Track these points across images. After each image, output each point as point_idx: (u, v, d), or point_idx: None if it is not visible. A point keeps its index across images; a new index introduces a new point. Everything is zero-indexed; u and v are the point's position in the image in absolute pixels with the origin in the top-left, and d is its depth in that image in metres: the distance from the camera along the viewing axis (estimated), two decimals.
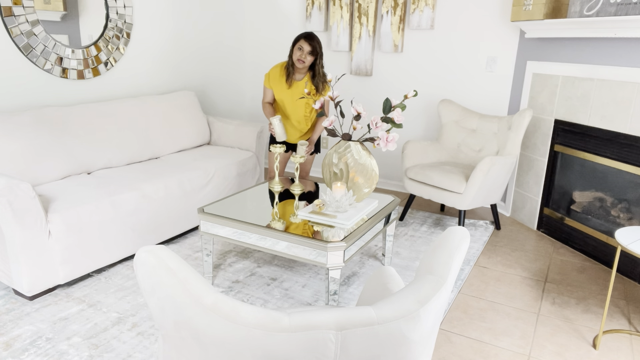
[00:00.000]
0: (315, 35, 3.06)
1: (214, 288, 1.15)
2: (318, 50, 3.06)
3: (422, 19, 4.02)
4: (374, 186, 2.60)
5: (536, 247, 3.35)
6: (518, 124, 3.36)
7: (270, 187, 2.94)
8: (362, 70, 4.41)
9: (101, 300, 2.50)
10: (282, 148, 2.88)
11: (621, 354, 2.21)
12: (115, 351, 2.10)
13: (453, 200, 3.29)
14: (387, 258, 2.96)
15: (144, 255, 1.10)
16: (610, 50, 2.96)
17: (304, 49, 3.03)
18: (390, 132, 2.60)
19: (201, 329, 1.06)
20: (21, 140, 2.75)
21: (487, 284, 2.81)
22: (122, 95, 3.71)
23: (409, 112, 4.35)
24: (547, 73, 3.45)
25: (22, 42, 2.95)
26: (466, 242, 1.31)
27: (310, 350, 1.03)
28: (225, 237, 2.50)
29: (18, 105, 3.04)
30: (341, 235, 2.26)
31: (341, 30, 4.40)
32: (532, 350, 2.22)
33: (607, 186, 3.12)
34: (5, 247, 2.38)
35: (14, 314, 2.35)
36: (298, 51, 3.05)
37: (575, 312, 2.55)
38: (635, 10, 2.68)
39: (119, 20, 3.55)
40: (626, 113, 2.88)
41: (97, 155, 3.14)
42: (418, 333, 1.11)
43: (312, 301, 2.57)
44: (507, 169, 3.34)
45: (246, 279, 2.77)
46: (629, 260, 2.93)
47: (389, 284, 1.62)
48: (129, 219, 2.81)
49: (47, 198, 2.59)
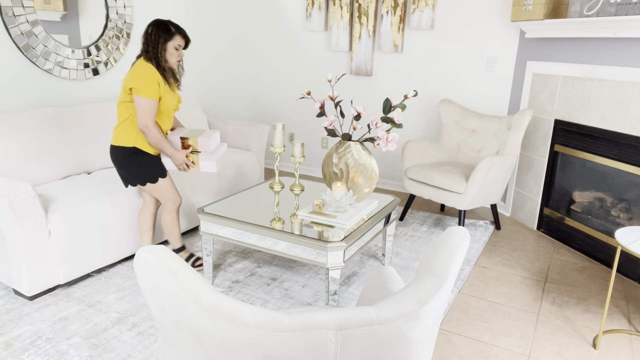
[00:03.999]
0: (179, 25, 2.55)
1: (214, 288, 1.15)
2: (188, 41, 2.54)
3: (422, 19, 4.02)
4: (374, 186, 2.60)
5: (536, 247, 3.35)
6: (518, 124, 3.36)
7: (270, 187, 2.94)
8: (362, 70, 4.41)
9: (101, 300, 2.50)
10: (282, 149, 2.85)
11: (621, 354, 2.21)
12: (115, 351, 2.10)
13: (453, 200, 3.29)
14: (387, 258, 2.96)
15: (144, 255, 1.10)
16: (610, 50, 2.96)
17: (181, 46, 2.49)
18: (390, 132, 2.60)
19: (201, 329, 1.06)
20: (21, 140, 2.75)
21: (487, 284, 2.81)
22: None
23: (409, 112, 4.35)
24: (547, 73, 3.45)
25: (22, 42, 2.95)
26: (466, 242, 1.31)
27: (310, 350, 1.03)
28: (225, 237, 2.50)
29: (18, 105, 3.03)
30: (341, 235, 2.26)
31: (341, 30, 4.40)
32: (532, 350, 2.22)
33: (607, 186, 3.12)
34: (5, 247, 2.38)
35: (14, 314, 2.35)
36: (176, 51, 2.47)
37: (575, 312, 2.55)
38: (635, 10, 2.68)
39: (119, 20, 3.55)
40: (626, 113, 2.87)
41: (97, 155, 3.15)
42: (418, 333, 1.11)
43: (312, 301, 2.57)
44: (507, 169, 3.34)
45: (246, 279, 2.77)
46: (629, 260, 2.93)
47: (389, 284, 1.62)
48: (129, 219, 2.81)
49: (47, 198, 2.59)
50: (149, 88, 2.37)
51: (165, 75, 2.47)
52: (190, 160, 2.57)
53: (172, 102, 2.55)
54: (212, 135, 2.58)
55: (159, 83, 2.42)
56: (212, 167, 2.56)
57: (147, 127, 2.42)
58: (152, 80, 2.39)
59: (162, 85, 2.45)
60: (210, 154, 2.56)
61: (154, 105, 2.42)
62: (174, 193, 2.64)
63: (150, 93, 2.38)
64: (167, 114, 2.57)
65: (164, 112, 2.53)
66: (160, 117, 2.53)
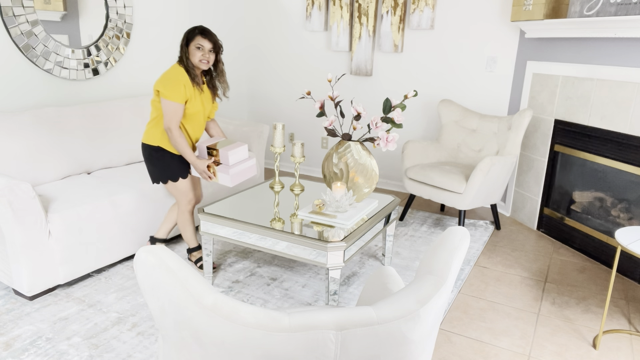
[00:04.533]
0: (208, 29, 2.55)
1: (214, 288, 1.15)
2: (219, 44, 2.56)
3: (422, 19, 4.02)
4: (374, 186, 2.60)
5: (536, 247, 3.35)
6: (518, 124, 3.36)
7: (270, 187, 2.94)
8: (362, 70, 4.41)
9: (101, 300, 2.50)
10: (282, 149, 2.85)
11: (621, 354, 2.21)
12: (115, 351, 2.10)
13: (453, 200, 3.29)
14: (387, 258, 2.96)
15: (144, 255, 1.10)
16: (610, 50, 2.96)
17: (204, 46, 2.49)
18: (390, 132, 2.60)
19: (201, 329, 1.06)
20: (21, 140, 2.75)
21: (487, 284, 2.81)
22: (122, 95, 3.71)
23: (409, 112, 4.35)
24: (547, 73, 3.45)
25: (22, 42, 2.95)
26: (466, 242, 1.31)
27: (310, 350, 1.03)
28: (225, 237, 2.50)
29: (18, 105, 3.04)
30: (341, 235, 2.26)
31: (341, 30, 4.40)
32: (532, 350, 2.22)
33: (607, 186, 3.12)
34: (5, 247, 2.38)
35: (14, 314, 2.35)
36: (197, 50, 2.48)
37: (575, 312, 2.55)
38: (635, 10, 2.68)
39: (119, 20, 3.55)
40: (626, 113, 2.87)
41: (97, 155, 3.15)
42: (418, 333, 1.11)
43: (312, 301, 2.57)
44: (507, 169, 3.34)
45: (246, 279, 2.77)
46: (629, 260, 2.93)
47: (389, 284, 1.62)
48: (129, 219, 2.81)
49: (47, 198, 2.59)
50: (173, 91, 2.43)
51: (194, 77, 2.50)
52: (212, 171, 2.60)
53: (199, 107, 2.58)
54: (236, 149, 2.57)
55: (185, 86, 2.47)
56: (227, 180, 2.57)
57: (170, 130, 2.48)
58: (178, 84, 2.45)
59: (188, 88, 2.49)
60: (228, 168, 2.56)
61: (179, 108, 2.47)
62: (190, 194, 2.70)
63: (175, 96, 2.44)
64: (196, 118, 2.61)
65: (191, 116, 2.58)
66: (187, 121, 2.58)
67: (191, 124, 2.61)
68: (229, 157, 2.54)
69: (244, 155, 2.63)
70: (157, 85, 2.47)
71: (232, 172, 2.54)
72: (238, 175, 2.60)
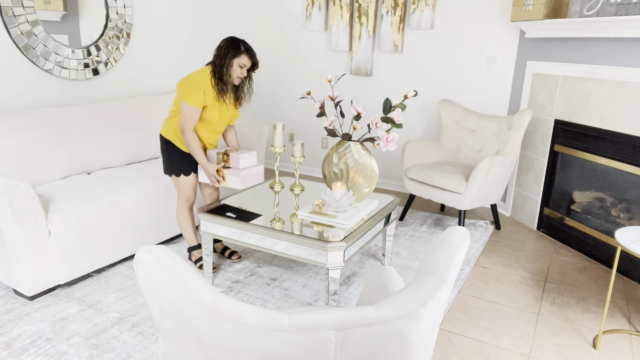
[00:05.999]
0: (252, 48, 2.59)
1: (214, 288, 1.15)
2: (258, 65, 2.63)
3: (422, 19, 4.02)
4: (374, 186, 2.60)
5: (536, 247, 3.35)
6: (518, 124, 3.36)
7: (270, 187, 2.94)
8: (362, 70, 4.41)
9: (101, 300, 2.50)
10: (282, 149, 2.85)
11: (621, 354, 2.21)
12: (115, 351, 2.10)
13: (453, 200, 3.29)
14: (387, 258, 2.96)
15: (144, 255, 1.10)
16: (610, 50, 2.96)
17: (246, 65, 2.54)
18: (390, 132, 2.60)
19: (201, 329, 1.06)
20: (21, 140, 2.75)
21: (487, 284, 2.81)
22: (122, 95, 3.71)
23: (409, 112, 4.35)
24: (547, 73, 3.45)
25: (22, 42, 2.95)
26: (466, 242, 1.31)
27: (310, 350, 1.03)
28: (225, 237, 2.50)
29: (18, 105, 3.04)
30: (341, 235, 2.26)
31: (341, 30, 4.40)
32: (532, 350, 2.22)
33: (607, 186, 3.12)
34: (5, 247, 2.38)
35: (14, 314, 2.35)
36: (239, 68, 2.53)
37: (575, 312, 2.55)
38: (635, 10, 2.68)
39: (119, 20, 3.55)
40: (626, 113, 2.88)
41: (97, 155, 3.15)
42: (418, 333, 1.11)
43: (312, 301, 2.57)
44: (507, 169, 3.34)
45: (246, 279, 2.77)
46: (629, 260, 2.93)
47: (389, 284, 1.62)
48: (129, 219, 2.81)
49: (47, 198, 2.59)
50: (192, 95, 2.48)
51: (224, 87, 2.54)
52: (221, 175, 2.66)
53: (216, 114, 2.62)
54: (246, 154, 2.66)
55: (205, 92, 2.51)
56: (237, 182, 2.63)
57: (183, 131, 2.54)
58: (198, 89, 2.48)
59: (207, 94, 2.53)
60: (239, 170, 2.62)
61: (196, 112, 2.52)
62: (189, 193, 2.76)
63: (193, 100, 2.48)
64: (211, 124, 2.65)
65: (207, 121, 2.62)
66: (202, 125, 2.63)
67: (206, 128, 2.66)
68: (239, 160, 2.62)
69: (254, 161, 2.72)
70: (178, 86, 2.51)
71: (243, 175, 2.62)
72: (247, 179, 2.67)
